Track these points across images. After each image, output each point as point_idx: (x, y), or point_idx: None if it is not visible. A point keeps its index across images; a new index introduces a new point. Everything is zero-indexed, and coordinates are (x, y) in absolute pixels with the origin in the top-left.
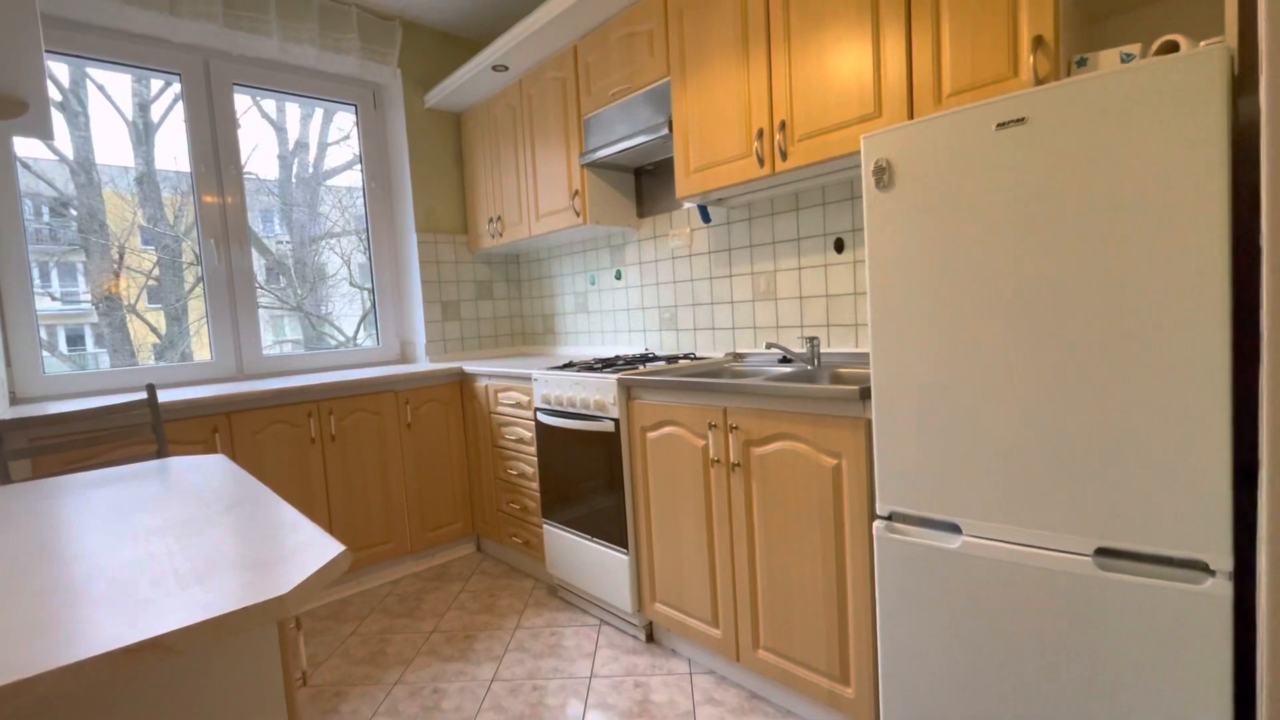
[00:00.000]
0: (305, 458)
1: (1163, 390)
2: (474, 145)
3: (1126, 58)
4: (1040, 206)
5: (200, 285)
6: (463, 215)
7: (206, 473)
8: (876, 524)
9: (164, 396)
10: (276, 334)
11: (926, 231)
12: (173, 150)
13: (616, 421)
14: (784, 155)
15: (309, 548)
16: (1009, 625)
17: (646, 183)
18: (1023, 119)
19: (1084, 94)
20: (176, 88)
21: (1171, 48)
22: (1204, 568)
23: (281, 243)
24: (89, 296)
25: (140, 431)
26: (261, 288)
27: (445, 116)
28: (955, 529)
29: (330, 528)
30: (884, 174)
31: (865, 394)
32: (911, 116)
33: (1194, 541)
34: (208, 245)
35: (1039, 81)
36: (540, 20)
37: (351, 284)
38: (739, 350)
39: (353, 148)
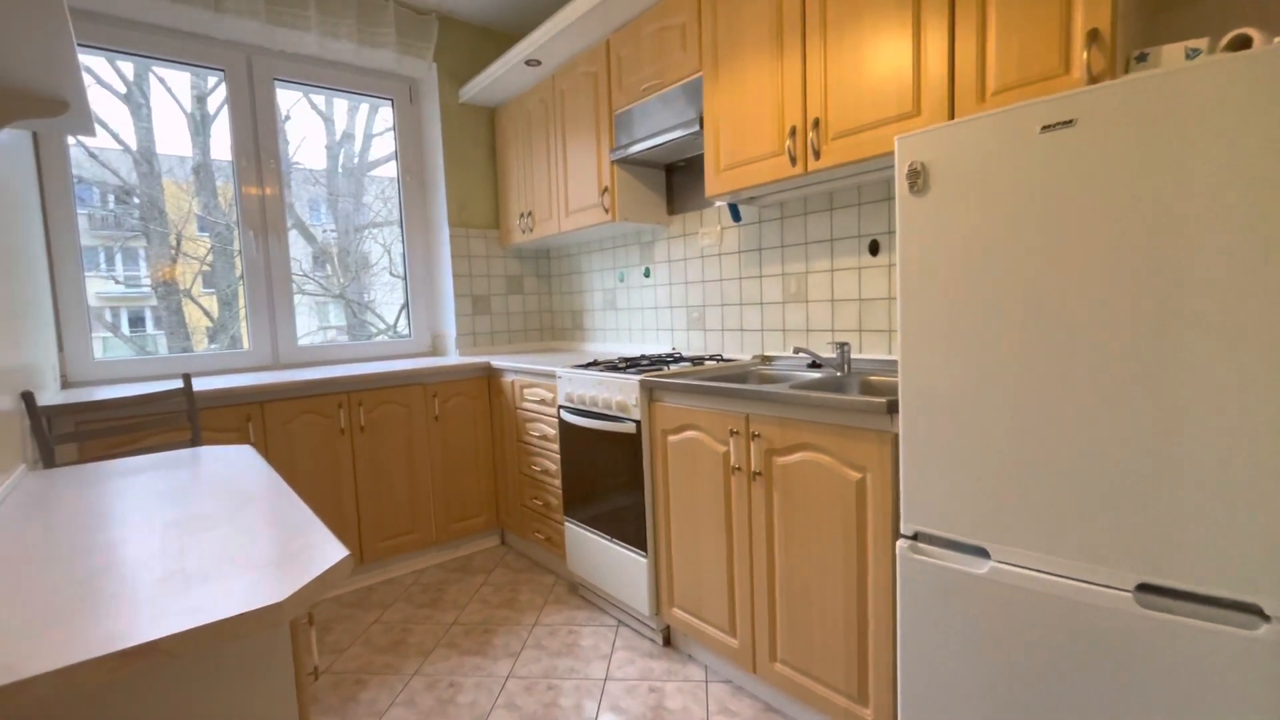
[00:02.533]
0: (334, 448)
1: (1216, 415)
2: (507, 140)
3: (1192, 53)
4: (1088, 216)
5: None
6: (495, 210)
7: (230, 464)
8: (900, 543)
9: (202, 384)
10: (321, 320)
11: (962, 239)
12: (227, 141)
13: (638, 423)
14: (817, 154)
15: (313, 550)
16: (1038, 660)
17: (677, 179)
18: (1070, 121)
19: (1139, 94)
20: None
21: (1244, 43)
22: (1259, 612)
23: (328, 231)
24: (149, 281)
25: (176, 420)
26: (306, 275)
27: (479, 111)
28: (983, 553)
29: (357, 517)
30: (918, 178)
31: (893, 407)
32: (952, 116)
33: (1249, 583)
34: (247, 237)
35: (1092, 80)
36: (573, 14)
37: (392, 274)
38: (767, 353)
39: (392, 141)
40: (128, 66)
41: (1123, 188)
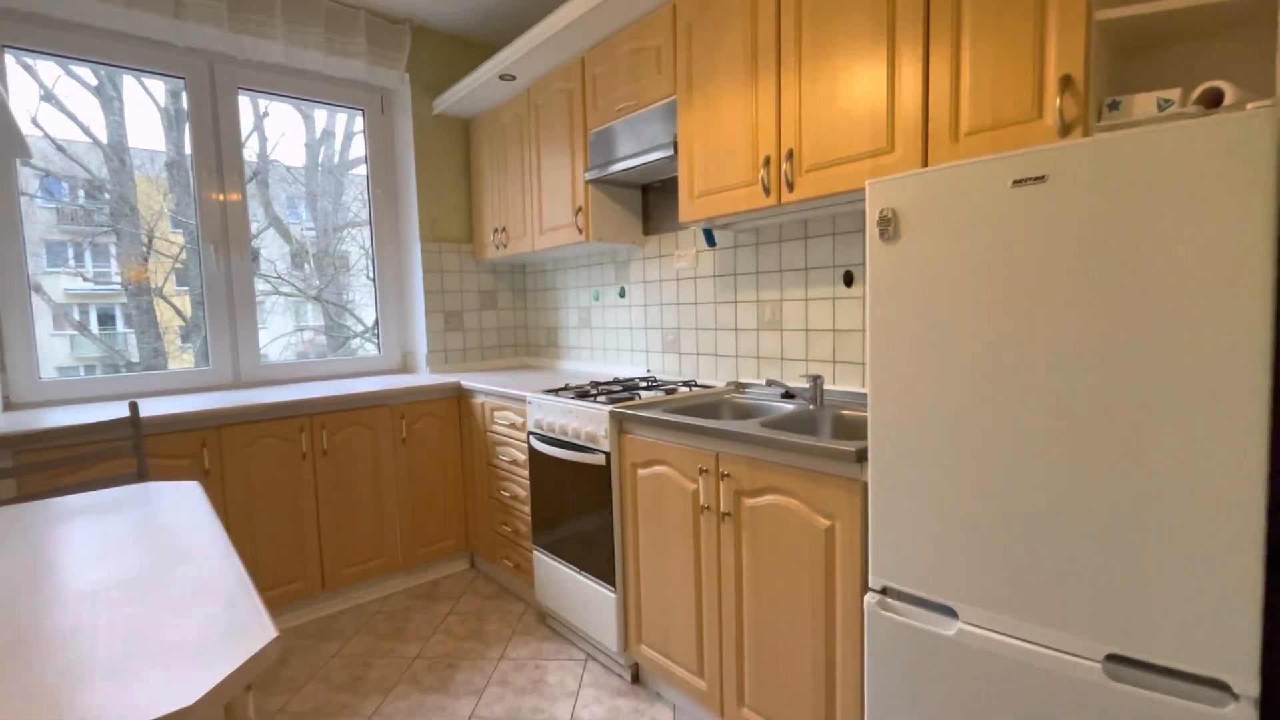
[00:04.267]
0: (296, 473)
1: (1186, 482)
2: (481, 154)
3: (1164, 104)
4: (1059, 273)
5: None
6: (468, 224)
7: (173, 507)
8: (868, 598)
9: (157, 406)
10: (299, 320)
11: (932, 290)
12: None
13: (608, 455)
14: (790, 186)
15: (238, 632)
16: None
17: (653, 199)
18: (1042, 177)
19: (1111, 153)
20: None
21: (1216, 96)
22: (1227, 689)
23: (308, 229)
24: (120, 278)
25: (122, 451)
26: (281, 277)
27: (453, 123)
28: (952, 613)
29: (319, 544)
30: (889, 225)
31: (863, 455)
32: (926, 154)
33: (1216, 659)
34: (207, 252)
35: (1065, 126)
36: (546, 32)
37: (368, 277)
38: (741, 380)
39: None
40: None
41: (1093, 247)
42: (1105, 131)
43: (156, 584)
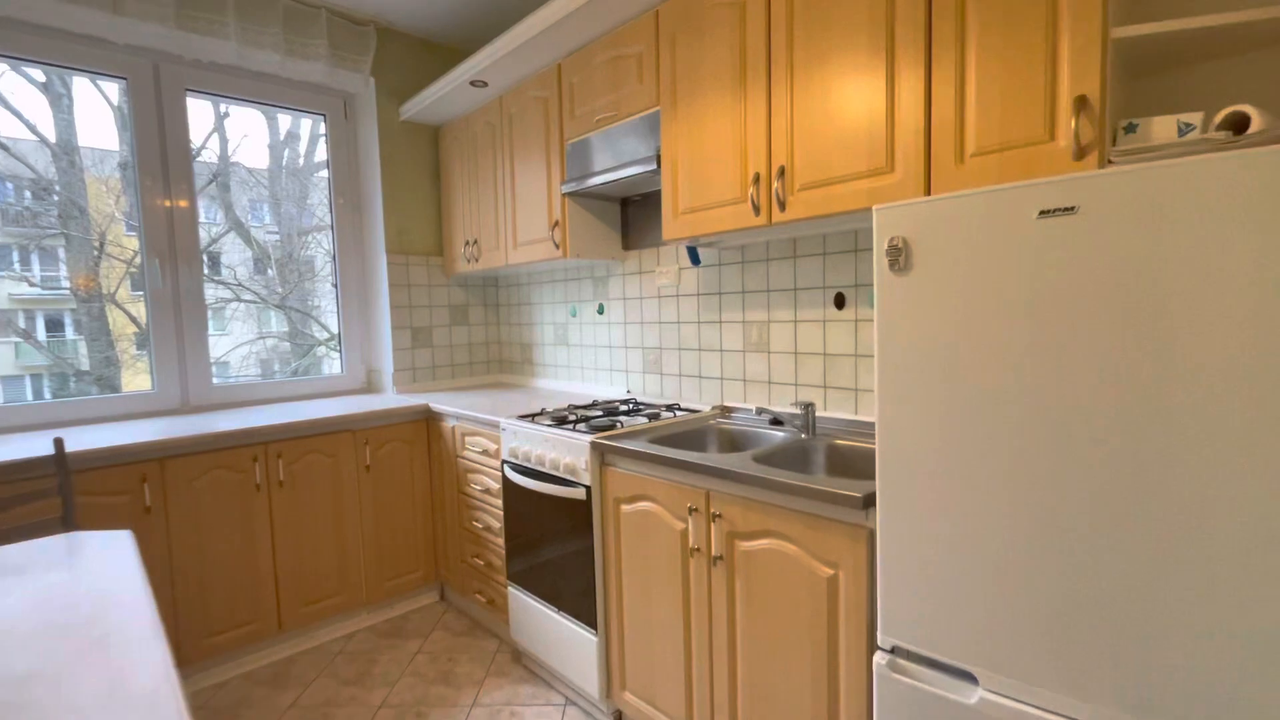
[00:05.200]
0: (249, 507)
1: (1233, 541)
2: (452, 162)
3: (1185, 128)
4: (1091, 311)
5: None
6: (438, 236)
7: (95, 569)
8: (878, 657)
9: (91, 437)
10: (261, 327)
11: (949, 325)
12: None
13: (589, 489)
14: (782, 205)
15: None
16: None
17: (633, 213)
18: (1072, 208)
19: (1153, 184)
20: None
21: (1242, 121)
22: None
23: (271, 232)
24: (69, 283)
25: (47, 493)
26: (242, 284)
27: (422, 130)
28: (972, 679)
29: (275, 582)
30: (899, 255)
31: (870, 500)
32: (929, 175)
33: None
34: (151, 265)
35: (1080, 149)
36: (520, 37)
37: (333, 284)
38: (727, 404)
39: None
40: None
41: (1128, 284)
42: (1124, 156)
43: (53, 688)
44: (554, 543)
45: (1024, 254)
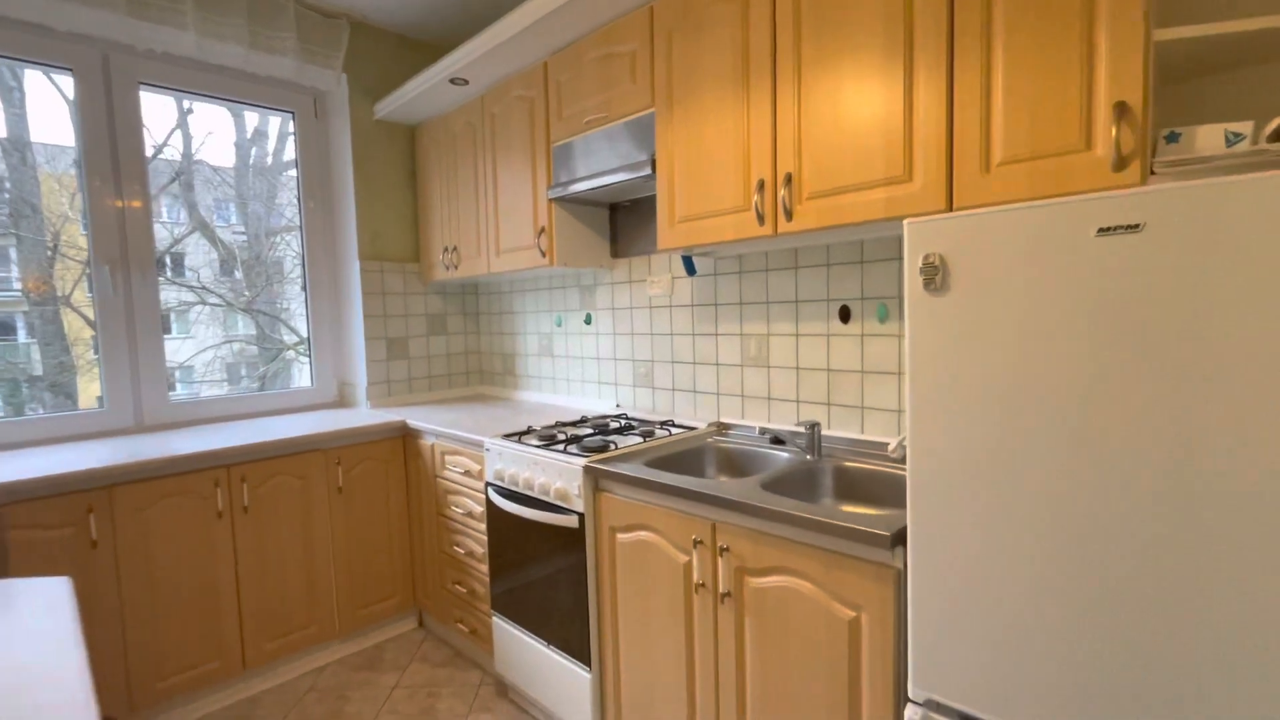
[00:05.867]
0: (209, 535)
1: None
2: (429, 164)
3: (1234, 138)
4: (1156, 338)
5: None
6: (414, 242)
7: (22, 628)
8: (910, 711)
9: (33, 461)
10: (228, 330)
11: (992, 350)
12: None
13: (581, 516)
14: (789, 215)
15: None
16: None
17: (623, 220)
18: (1137, 226)
19: (1232, 199)
20: None
21: None
22: None
23: (238, 233)
24: (20, 284)
25: None
26: (206, 288)
27: (397, 129)
28: None
29: (239, 617)
30: (936, 273)
31: (900, 538)
32: (951, 185)
33: None
34: (101, 272)
35: (1121, 159)
36: (503, 33)
37: (303, 288)
38: (724, 420)
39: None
40: None
41: (1198, 309)
42: (1170, 168)
43: None
44: (543, 572)
45: (1080, 274)
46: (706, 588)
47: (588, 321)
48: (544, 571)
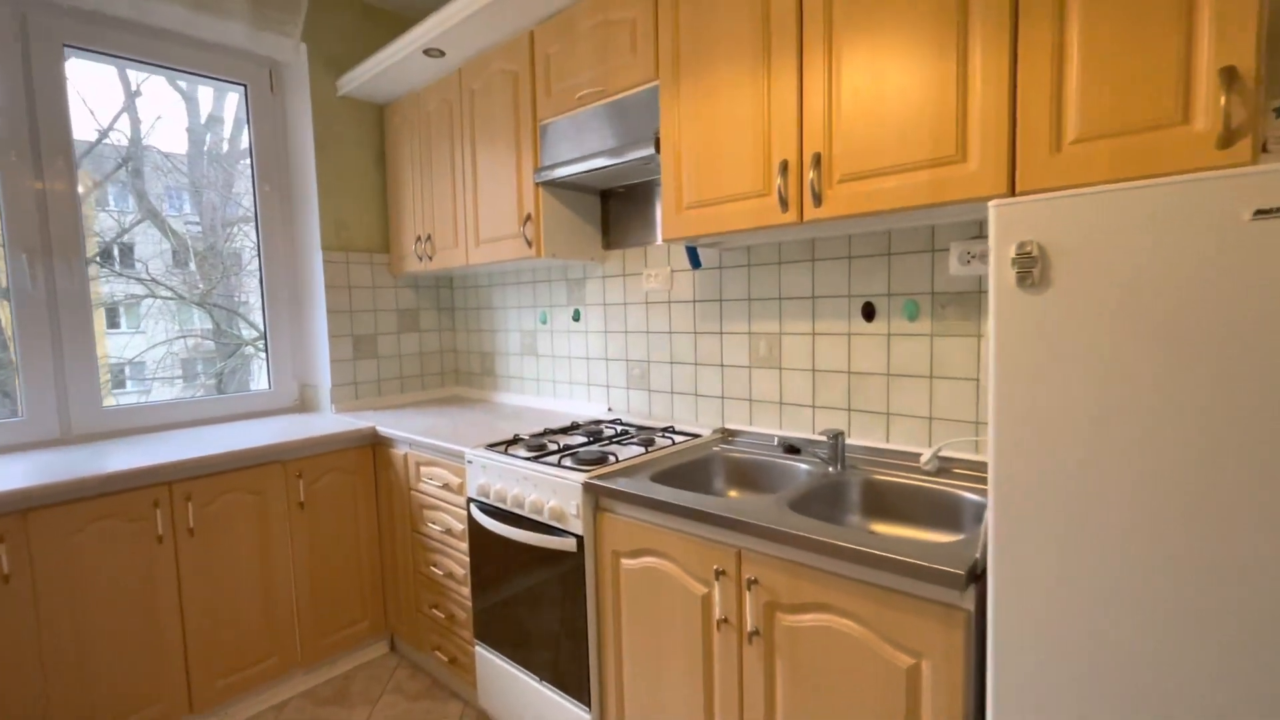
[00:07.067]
0: (149, 563)
1: None
2: (400, 146)
3: None
4: None
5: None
6: (383, 230)
7: None
8: None
9: None
10: (183, 324)
11: (1105, 361)
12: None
13: (580, 539)
14: (818, 200)
15: None
16: None
17: (616, 208)
18: None
19: None
20: None
21: None
22: None
23: (192, 223)
24: None
25: None
26: (157, 280)
27: (364, 108)
28: None
29: (184, 654)
30: (1034, 266)
31: (976, 576)
32: (1013, 166)
33: None
34: (18, 262)
35: (1228, 133)
36: None
37: (260, 281)
38: (729, 426)
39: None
40: None
41: None
42: None
43: None
44: (534, 599)
45: (1230, 267)
46: (730, 624)
47: (576, 318)
48: (535, 598)
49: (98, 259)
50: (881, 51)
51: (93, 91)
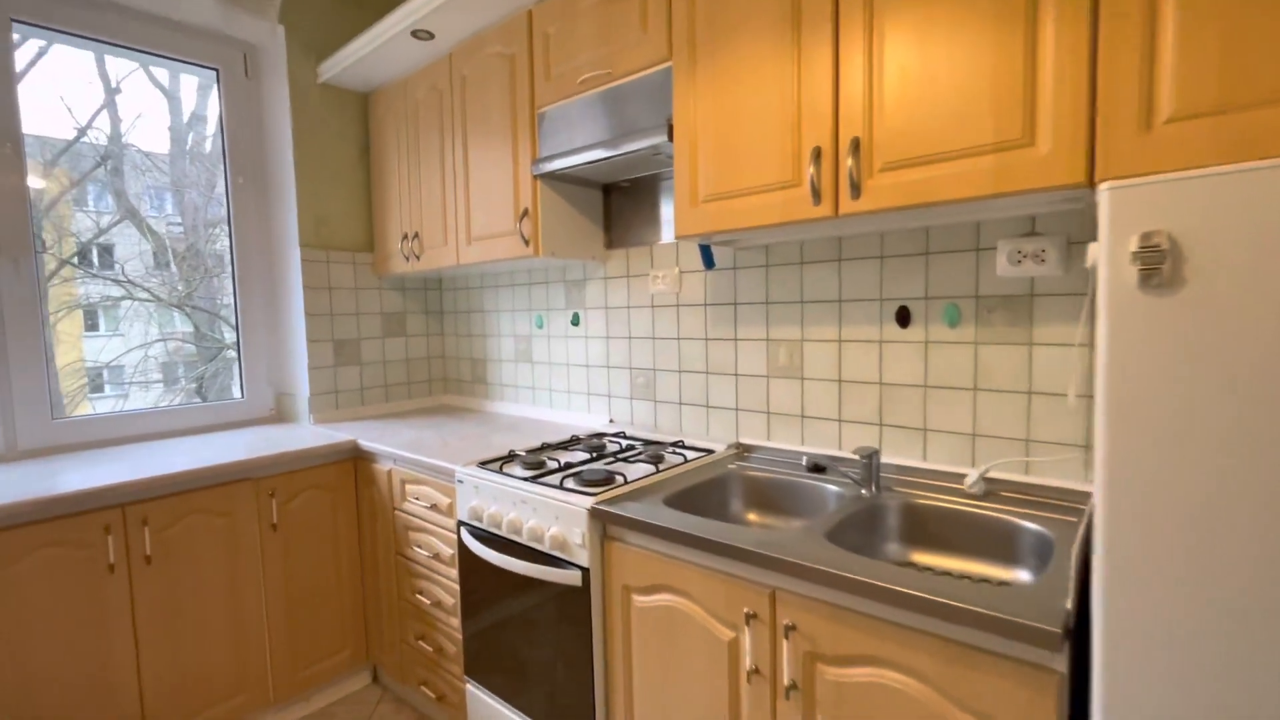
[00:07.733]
0: (99, 595)
1: None
2: (385, 137)
3: None
4: None
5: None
6: (367, 229)
7: None
8: None
9: None
10: (163, 326)
11: (1259, 385)
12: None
13: (586, 572)
14: (856, 191)
15: None
16: None
17: (619, 204)
18: None
19: None
20: None
21: None
22: None
23: (174, 223)
24: None
25: None
26: (134, 282)
27: (347, 96)
28: None
29: (140, 697)
30: (1162, 262)
31: (1071, 633)
32: (1093, 149)
33: None
34: None
35: None
36: None
37: (231, 280)
38: (745, 440)
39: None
40: None
41: None
42: None
43: None
44: (533, 635)
45: None
46: (763, 675)
47: (575, 322)
48: (534, 634)
49: (74, 259)
50: (933, 23)
51: (71, 88)
